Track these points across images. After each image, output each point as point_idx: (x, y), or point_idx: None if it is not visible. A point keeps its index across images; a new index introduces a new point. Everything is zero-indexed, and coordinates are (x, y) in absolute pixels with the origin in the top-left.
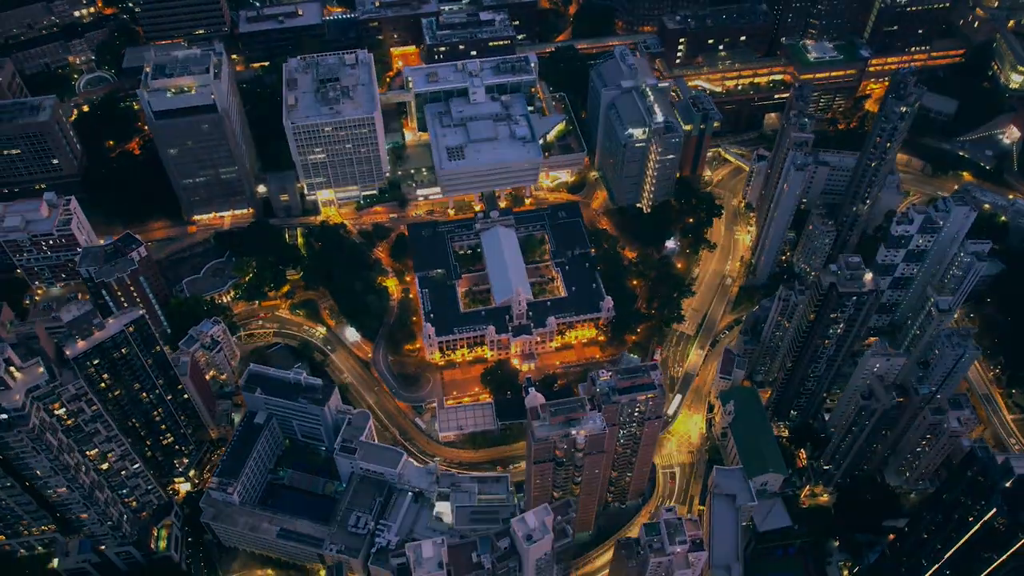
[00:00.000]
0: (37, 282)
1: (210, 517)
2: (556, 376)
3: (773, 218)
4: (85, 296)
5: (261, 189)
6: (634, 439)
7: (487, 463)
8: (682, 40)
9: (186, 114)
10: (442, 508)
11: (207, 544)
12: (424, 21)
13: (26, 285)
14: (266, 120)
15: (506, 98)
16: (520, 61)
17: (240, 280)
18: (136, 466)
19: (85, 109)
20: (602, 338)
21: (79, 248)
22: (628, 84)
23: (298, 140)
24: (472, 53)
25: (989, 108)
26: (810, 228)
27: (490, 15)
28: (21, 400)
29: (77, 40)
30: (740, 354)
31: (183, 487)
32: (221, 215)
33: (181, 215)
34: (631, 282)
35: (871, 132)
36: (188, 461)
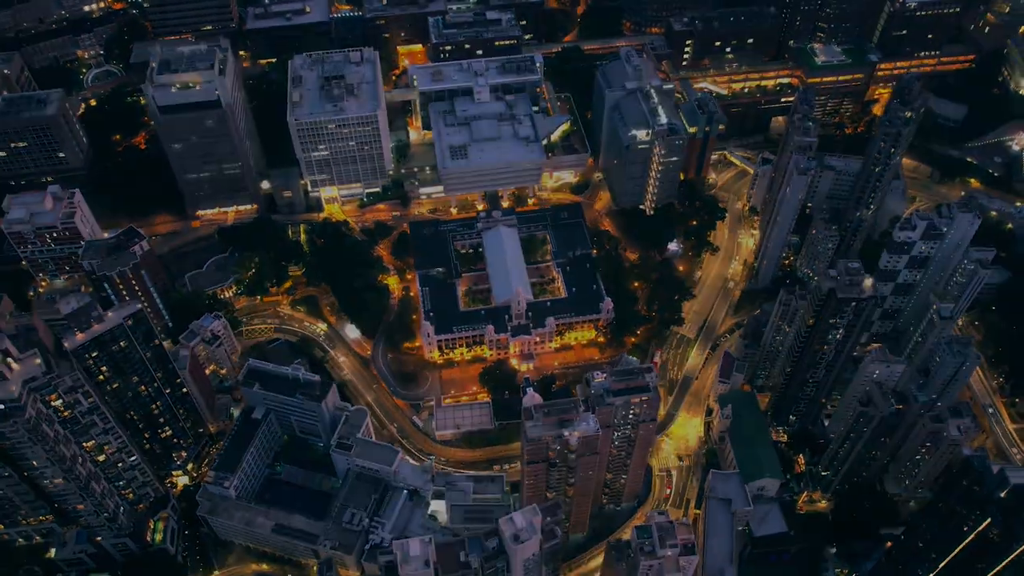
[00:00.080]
0: (41, 274)
1: (206, 511)
2: (555, 377)
3: (776, 222)
4: (88, 289)
5: (265, 185)
6: (628, 441)
7: (483, 462)
8: (689, 42)
9: (190, 109)
10: (437, 507)
11: (203, 537)
12: (430, 20)
13: (31, 277)
14: (272, 116)
15: (511, 98)
16: (525, 61)
17: (242, 276)
18: (133, 458)
19: (92, 103)
20: (601, 340)
21: (83, 241)
22: (632, 85)
23: (302, 137)
24: (478, 52)
25: (998, 115)
26: (813, 233)
27: (496, 15)
28: (18, 391)
29: (86, 35)
30: (739, 358)
31: (181, 480)
32: (225, 210)
33: (185, 210)
34: (632, 284)
35: (875, 137)
36: (186, 455)
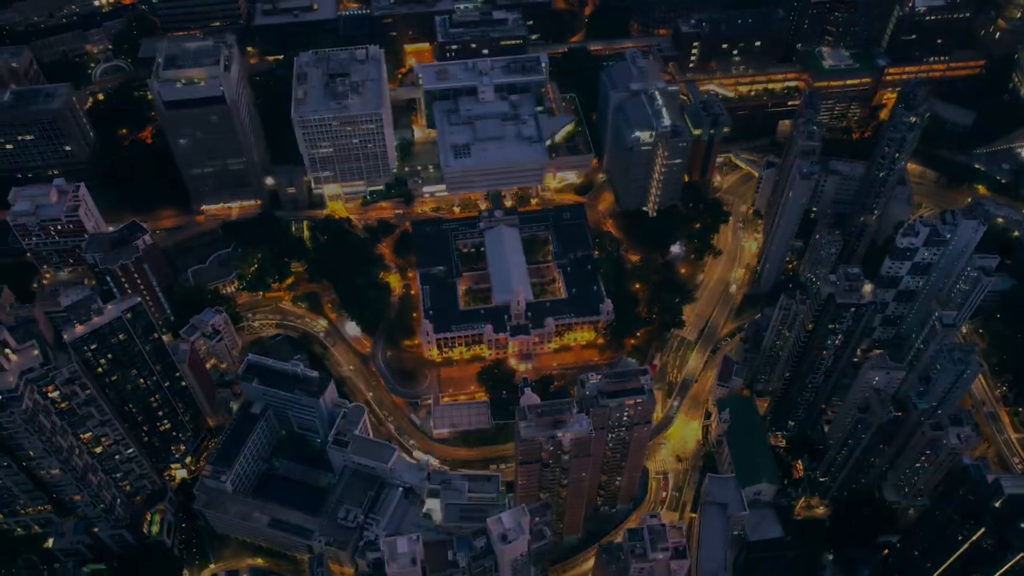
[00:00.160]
0: (45, 267)
1: (203, 504)
2: (553, 377)
3: (778, 226)
4: (91, 282)
5: (269, 181)
6: (623, 443)
7: (480, 462)
8: (696, 44)
9: (195, 105)
10: (432, 505)
11: (200, 531)
12: (437, 19)
13: (35, 269)
14: (277, 113)
15: (515, 98)
16: (531, 61)
17: (245, 271)
18: (130, 451)
19: (100, 97)
20: (601, 341)
21: (86, 234)
22: (637, 87)
23: (305, 133)
24: (484, 52)
25: (1008, 121)
26: (817, 237)
27: (503, 14)
28: (15, 382)
29: (95, 29)
30: (739, 362)
31: (180, 474)
32: (229, 206)
33: (190, 205)
34: (633, 286)
35: (879, 142)
36: (185, 448)
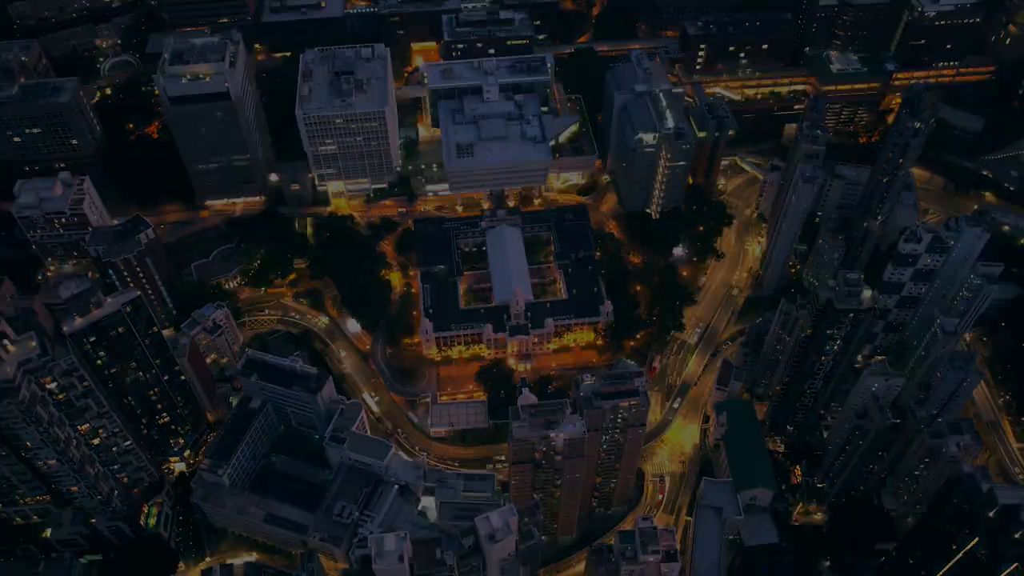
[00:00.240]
0: (50, 259)
1: (200, 497)
2: (551, 378)
3: (781, 230)
4: (95, 275)
5: (273, 178)
6: (617, 445)
7: (477, 460)
8: (703, 46)
9: (200, 101)
10: (427, 503)
11: (197, 524)
12: (444, 18)
13: (40, 262)
14: (283, 110)
15: (520, 98)
16: (536, 61)
17: (247, 266)
18: (127, 443)
19: (108, 92)
20: (600, 342)
21: (90, 227)
22: (642, 88)
23: (309, 131)
24: (490, 51)
25: (1017, 128)
26: (820, 242)
27: (510, 14)
28: (12, 373)
29: (104, 24)
30: (738, 366)
31: (178, 467)
32: (233, 201)
33: (195, 200)
34: (634, 288)
35: (884, 147)
36: (184, 441)
